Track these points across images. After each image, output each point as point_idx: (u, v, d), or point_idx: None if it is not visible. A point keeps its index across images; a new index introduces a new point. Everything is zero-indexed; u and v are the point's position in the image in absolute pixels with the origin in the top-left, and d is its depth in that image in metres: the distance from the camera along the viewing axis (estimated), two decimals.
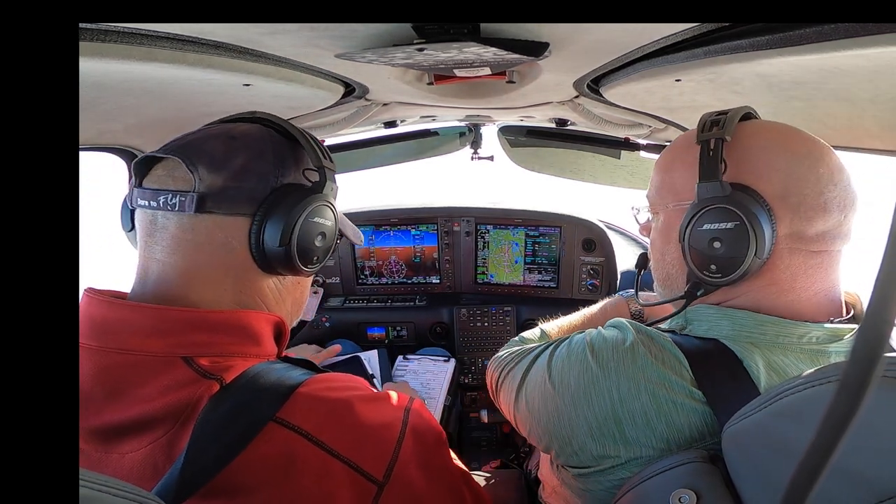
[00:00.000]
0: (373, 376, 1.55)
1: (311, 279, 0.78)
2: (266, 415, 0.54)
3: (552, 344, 0.79)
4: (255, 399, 0.54)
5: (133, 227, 0.66)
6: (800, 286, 0.65)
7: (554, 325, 1.07)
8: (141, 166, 0.64)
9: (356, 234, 0.86)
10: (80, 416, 0.54)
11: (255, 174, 0.63)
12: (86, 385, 0.55)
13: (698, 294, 0.69)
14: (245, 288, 0.65)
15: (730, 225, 0.61)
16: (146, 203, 0.61)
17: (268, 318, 0.65)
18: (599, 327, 0.74)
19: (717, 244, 0.63)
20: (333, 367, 1.67)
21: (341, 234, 0.79)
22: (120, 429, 0.54)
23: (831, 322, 0.64)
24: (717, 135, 0.64)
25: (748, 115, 0.71)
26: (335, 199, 0.72)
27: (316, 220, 0.66)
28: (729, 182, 0.63)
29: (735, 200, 0.61)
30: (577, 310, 1.17)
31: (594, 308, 1.11)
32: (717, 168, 0.63)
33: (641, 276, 0.96)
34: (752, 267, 0.63)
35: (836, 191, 0.62)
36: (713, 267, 0.64)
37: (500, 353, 0.93)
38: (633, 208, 0.85)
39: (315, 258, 0.69)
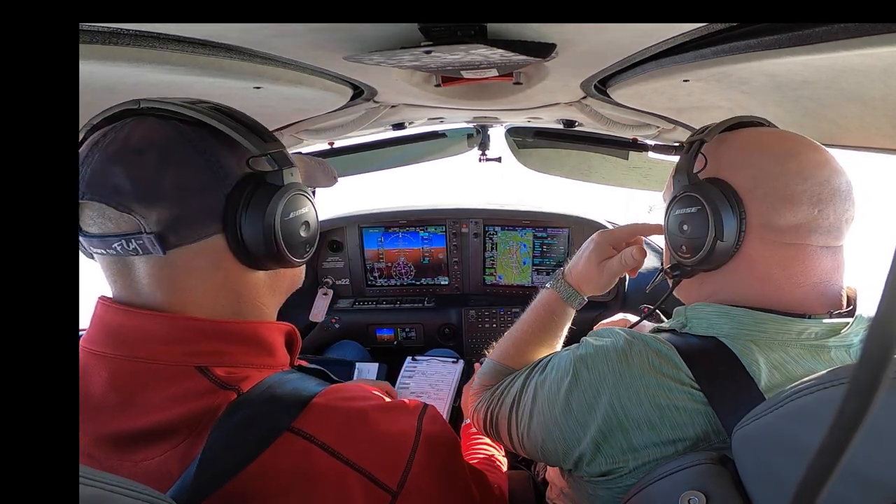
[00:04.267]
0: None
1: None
2: (282, 424, 0.54)
3: (536, 369, 0.79)
4: (271, 409, 0.54)
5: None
6: (779, 277, 0.66)
7: (504, 351, 0.96)
8: None
9: (328, 173, 0.79)
10: (94, 424, 0.54)
11: (196, 190, 0.56)
12: (100, 392, 0.55)
13: (675, 274, 0.76)
14: (240, 296, 0.63)
15: (693, 210, 0.69)
16: (103, 251, 0.55)
17: (280, 328, 0.65)
18: (587, 339, 0.74)
19: (685, 227, 0.71)
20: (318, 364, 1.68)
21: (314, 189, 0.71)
22: (134, 437, 0.54)
23: (830, 315, 0.65)
24: (698, 138, 0.71)
25: (750, 124, 0.75)
26: (299, 177, 0.65)
27: (291, 216, 0.62)
28: (706, 177, 0.70)
29: (698, 188, 0.69)
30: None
31: (534, 311, 0.97)
32: (691, 164, 0.71)
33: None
34: (718, 250, 0.67)
35: (805, 185, 0.64)
36: (683, 248, 0.72)
37: (475, 402, 0.91)
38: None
39: (307, 247, 0.66)
